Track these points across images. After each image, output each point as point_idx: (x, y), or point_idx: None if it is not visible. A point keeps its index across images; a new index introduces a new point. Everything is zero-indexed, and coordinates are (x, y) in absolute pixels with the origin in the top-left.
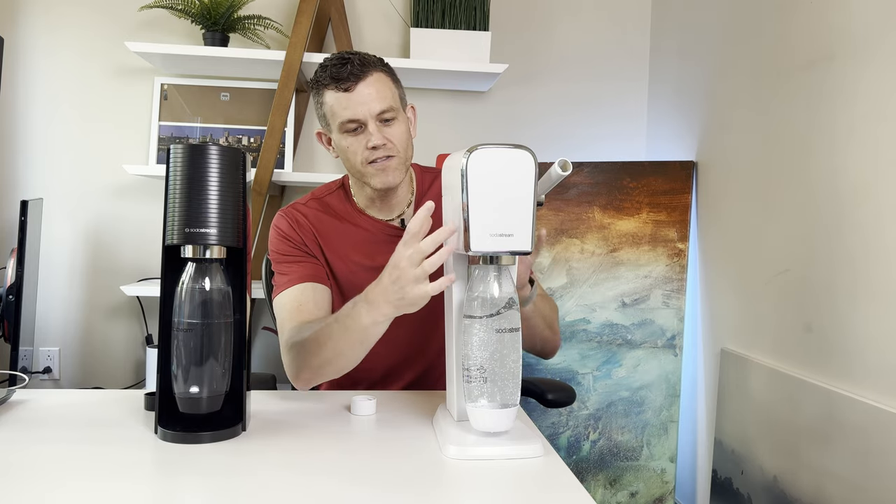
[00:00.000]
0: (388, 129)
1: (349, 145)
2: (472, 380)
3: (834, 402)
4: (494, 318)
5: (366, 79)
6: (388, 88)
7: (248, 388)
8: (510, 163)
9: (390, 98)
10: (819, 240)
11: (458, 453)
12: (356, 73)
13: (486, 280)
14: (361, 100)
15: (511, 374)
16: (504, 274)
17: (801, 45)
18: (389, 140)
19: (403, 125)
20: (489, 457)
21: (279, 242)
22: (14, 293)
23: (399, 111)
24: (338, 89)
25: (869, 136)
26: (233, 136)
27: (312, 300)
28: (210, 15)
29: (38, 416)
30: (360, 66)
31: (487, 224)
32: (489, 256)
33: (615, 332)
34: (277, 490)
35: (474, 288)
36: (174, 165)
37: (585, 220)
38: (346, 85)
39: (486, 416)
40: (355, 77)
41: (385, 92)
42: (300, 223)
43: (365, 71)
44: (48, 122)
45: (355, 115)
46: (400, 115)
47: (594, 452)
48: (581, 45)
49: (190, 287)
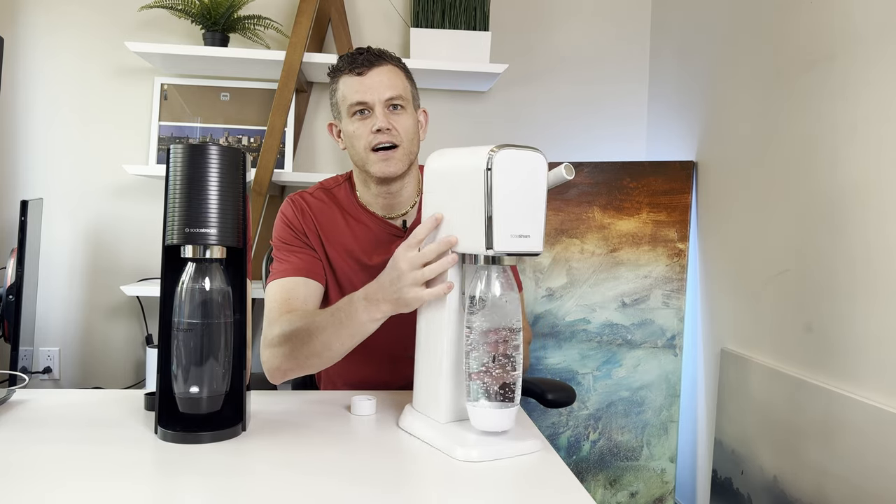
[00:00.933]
0: (394, 117)
1: (355, 129)
2: (473, 379)
3: (834, 402)
4: (496, 318)
5: (379, 67)
6: (400, 80)
7: (248, 388)
8: (527, 164)
9: (401, 88)
10: (819, 240)
11: (465, 455)
12: (371, 60)
13: (488, 280)
14: (372, 84)
15: (512, 373)
16: (505, 274)
17: (802, 46)
18: (394, 127)
19: (411, 119)
20: (496, 456)
21: (282, 229)
22: (14, 293)
23: (409, 103)
24: (351, 73)
25: (869, 136)
26: (233, 136)
27: (302, 296)
28: (210, 15)
29: (38, 416)
30: (376, 56)
31: (509, 225)
32: (492, 257)
33: (615, 332)
34: (277, 490)
35: (476, 288)
36: (174, 165)
37: (585, 220)
38: (360, 69)
39: (487, 415)
40: (369, 63)
41: (396, 81)
42: (304, 213)
43: (380, 60)
44: (48, 121)
45: (364, 97)
46: (409, 108)
47: (594, 452)
48: (581, 46)
49: (190, 287)
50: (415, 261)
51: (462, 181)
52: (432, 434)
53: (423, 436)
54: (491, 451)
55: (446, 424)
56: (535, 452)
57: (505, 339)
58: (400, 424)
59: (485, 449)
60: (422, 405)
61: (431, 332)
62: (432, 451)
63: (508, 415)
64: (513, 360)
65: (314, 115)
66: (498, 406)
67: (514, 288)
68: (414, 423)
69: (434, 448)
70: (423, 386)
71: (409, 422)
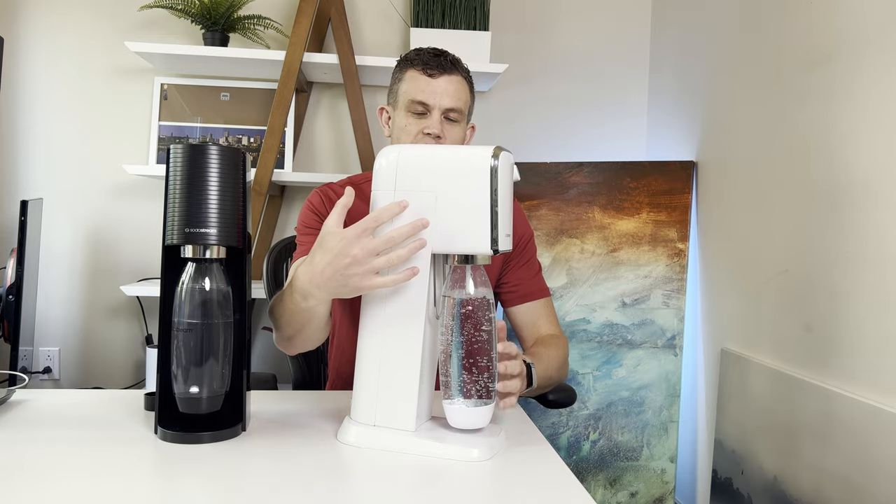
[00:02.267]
0: (448, 127)
1: (407, 124)
2: (449, 377)
3: (834, 402)
4: (470, 317)
5: (451, 75)
6: (465, 93)
7: (248, 388)
8: (511, 165)
9: (463, 101)
10: (819, 240)
11: (473, 455)
12: (445, 67)
13: (462, 279)
14: (439, 90)
15: (486, 372)
16: (479, 272)
17: (802, 45)
18: (445, 136)
19: (461, 132)
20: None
21: (307, 215)
22: (14, 293)
23: (464, 117)
24: (423, 72)
25: (869, 136)
26: (233, 136)
27: None
28: (210, 15)
29: (38, 416)
30: (451, 64)
31: (504, 224)
32: (465, 256)
33: (615, 332)
34: (277, 490)
35: (450, 287)
36: (174, 165)
37: (585, 220)
38: (432, 72)
39: (462, 413)
40: (443, 69)
41: (461, 94)
42: (331, 201)
43: (453, 69)
44: (48, 121)
45: (427, 100)
46: (462, 122)
47: (594, 452)
48: (581, 45)
49: (190, 287)
50: (371, 247)
51: (388, 178)
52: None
53: (398, 447)
54: (490, 449)
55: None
56: (532, 449)
57: (482, 336)
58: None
59: (485, 449)
60: (382, 417)
61: (406, 334)
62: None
63: (486, 412)
64: (489, 357)
65: (314, 115)
66: (476, 404)
67: (488, 285)
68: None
69: (425, 453)
70: (377, 394)
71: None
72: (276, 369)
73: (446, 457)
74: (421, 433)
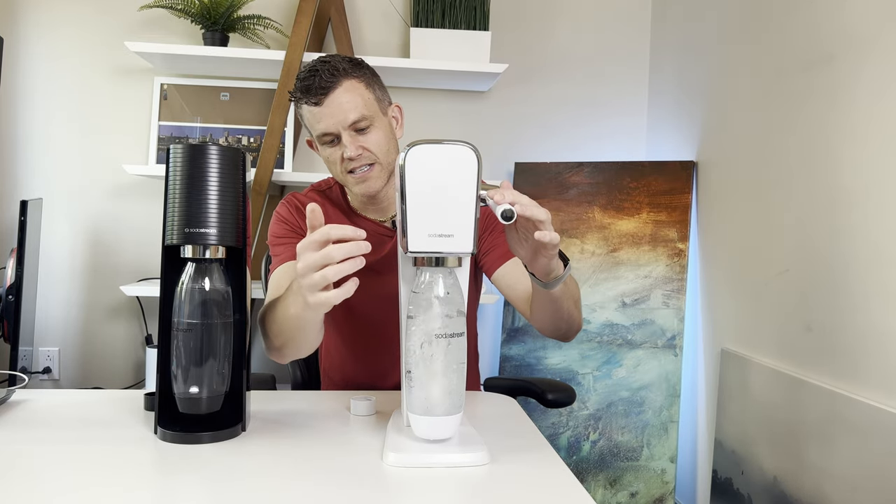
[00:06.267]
0: (363, 138)
1: (329, 155)
2: (413, 387)
3: (834, 402)
4: (438, 323)
5: (335, 90)
6: (360, 96)
7: (248, 388)
8: (451, 160)
9: (362, 106)
10: (819, 240)
11: (473, 459)
12: (324, 86)
13: (430, 282)
14: (331, 112)
15: (453, 381)
16: (450, 276)
17: (801, 45)
18: (366, 149)
19: (381, 131)
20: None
21: (277, 226)
22: (14, 293)
23: (375, 117)
24: (308, 103)
25: (869, 136)
26: (233, 136)
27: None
28: (210, 15)
29: (38, 416)
30: (328, 78)
31: (426, 224)
32: (434, 258)
33: (615, 332)
34: (277, 490)
35: (419, 290)
36: (174, 165)
37: (585, 220)
38: (316, 98)
39: (426, 423)
40: (323, 90)
41: (356, 101)
42: (298, 210)
43: (333, 82)
44: (48, 121)
45: (328, 128)
46: (377, 121)
47: (594, 452)
48: (581, 45)
49: (190, 287)
50: (311, 262)
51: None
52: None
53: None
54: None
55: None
56: (532, 449)
57: (449, 344)
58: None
59: (485, 452)
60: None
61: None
62: None
63: (450, 423)
64: (455, 368)
65: None
66: (439, 414)
67: (460, 291)
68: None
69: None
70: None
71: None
72: (276, 369)
73: (447, 463)
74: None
